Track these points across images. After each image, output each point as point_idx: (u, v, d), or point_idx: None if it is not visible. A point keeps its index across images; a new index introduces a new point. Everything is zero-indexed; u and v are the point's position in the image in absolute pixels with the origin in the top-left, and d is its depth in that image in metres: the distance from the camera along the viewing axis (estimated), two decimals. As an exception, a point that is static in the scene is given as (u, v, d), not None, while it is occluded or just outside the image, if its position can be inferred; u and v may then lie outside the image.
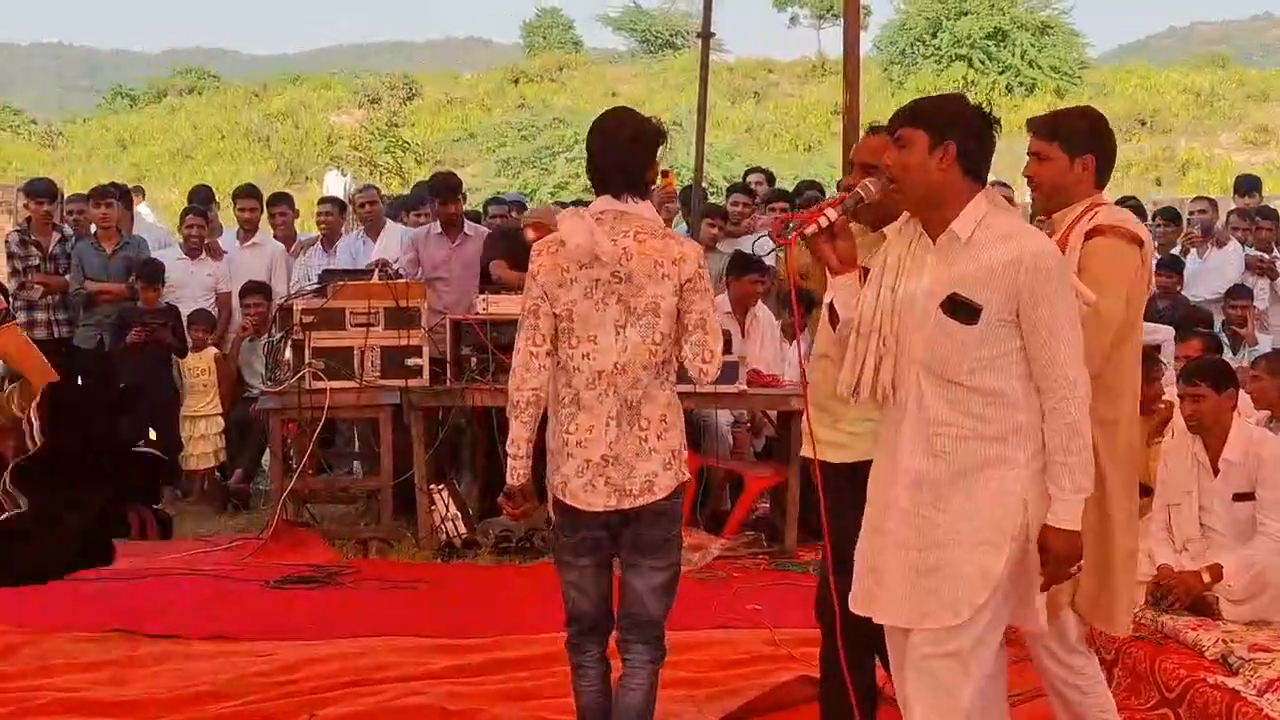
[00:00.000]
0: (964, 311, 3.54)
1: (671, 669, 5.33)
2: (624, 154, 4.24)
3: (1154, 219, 12.45)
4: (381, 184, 24.93)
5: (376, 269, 8.84)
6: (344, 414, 8.72)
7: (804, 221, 3.89)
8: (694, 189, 10.24)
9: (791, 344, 8.79)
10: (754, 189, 11.45)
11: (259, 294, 10.23)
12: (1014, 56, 37.32)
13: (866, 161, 4.37)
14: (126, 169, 33.27)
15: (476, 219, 10.71)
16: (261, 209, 11.46)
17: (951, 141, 3.58)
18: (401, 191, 18.44)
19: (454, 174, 10.55)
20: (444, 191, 9.60)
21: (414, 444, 8.33)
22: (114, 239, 10.40)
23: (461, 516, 8.29)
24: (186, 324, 10.13)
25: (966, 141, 3.60)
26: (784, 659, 5.83)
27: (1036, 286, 3.50)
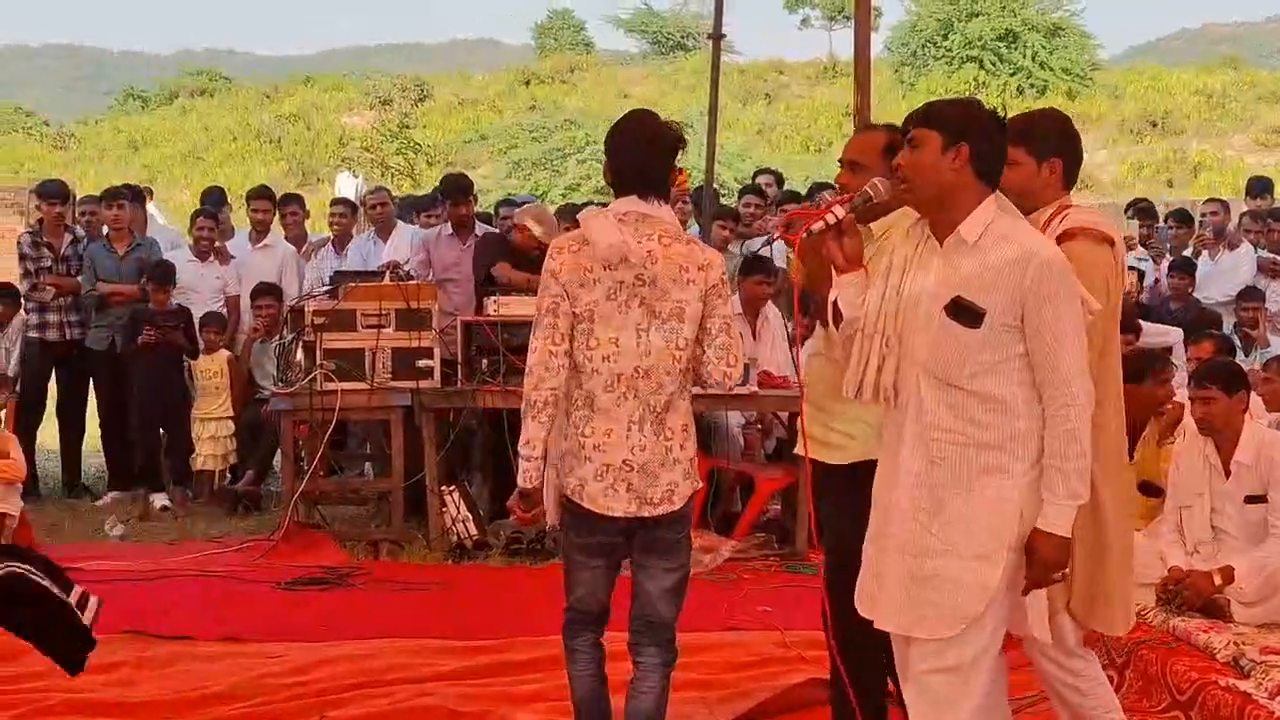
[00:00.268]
0: (967, 315, 3.53)
1: (682, 671, 5.33)
2: (647, 155, 4.20)
3: (1166, 221, 12.45)
4: (393, 185, 24.91)
5: (388, 270, 8.88)
6: (355, 415, 8.75)
7: (811, 218, 3.89)
8: (705, 191, 10.23)
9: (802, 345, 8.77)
10: (764, 190, 11.45)
11: (270, 295, 10.24)
12: (1025, 58, 37.24)
13: (854, 159, 4.37)
14: (138, 170, 33.31)
15: (488, 220, 10.72)
16: (274, 210, 11.47)
17: (965, 144, 3.57)
18: (412, 193, 18.44)
19: (465, 175, 10.57)
20: (455, 192, 9.61)
21: (425, 445, 8.35)
22: (126, 240, 10.41)
23: (472, 518, 8.29)
24: (199, 326, 10.14)
25: (980, 145, 3.59)
26: (795, 661, 5.83)
27: (1041, 291, 3.48)
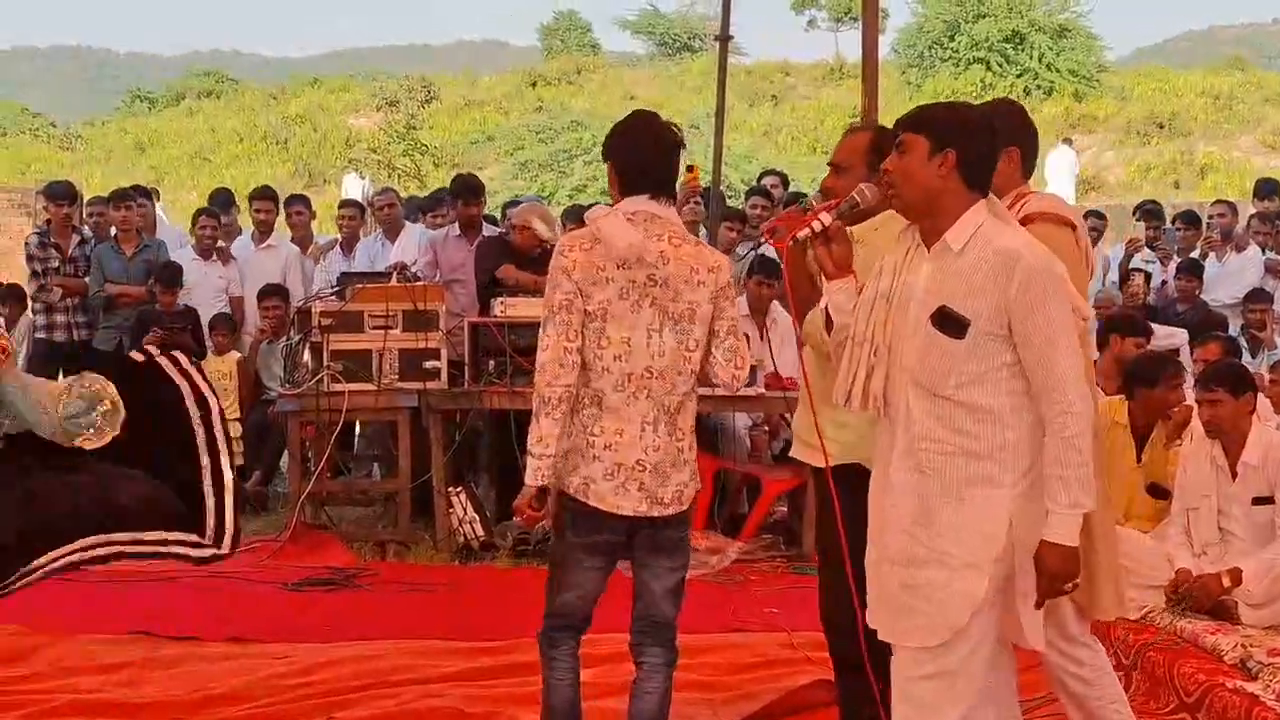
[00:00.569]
0: (952, 325, 3.49)
1: (687, 672, 5.34)
2: (655, 155, 4.20)
3: (1173, 222, 12.47)
4: (399, 187, 24.92)
5: (395, 272, 8.88)
6: (362, 416, 8.75)
7: (797, 225, 3.87)
8: (712, 192, 10.23)
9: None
10: (771, 192, 11.45)
11: (277, 296, 10.23)
12: (1032, 59, 37.16)
13: (838, 162, 4.37)
14: (145, 172, 33.30)
15: (494, 222, 10.73)
16: (277, 210, 11.49)
17: (952, 150, 3.53)
18: (419, 194, 18.43)
19: (476, 176, 10.59)
20: (467, 193, 9.61)
21: (432, 446, 8.36)
22: (134, 241, 10.43)
23: (479, 519, 8.30)
24: (208, 329, 10.15)
25: (969, 151, 3.55)
26: (801, 662, 5.82)
27: (1028, 298, 3.44)
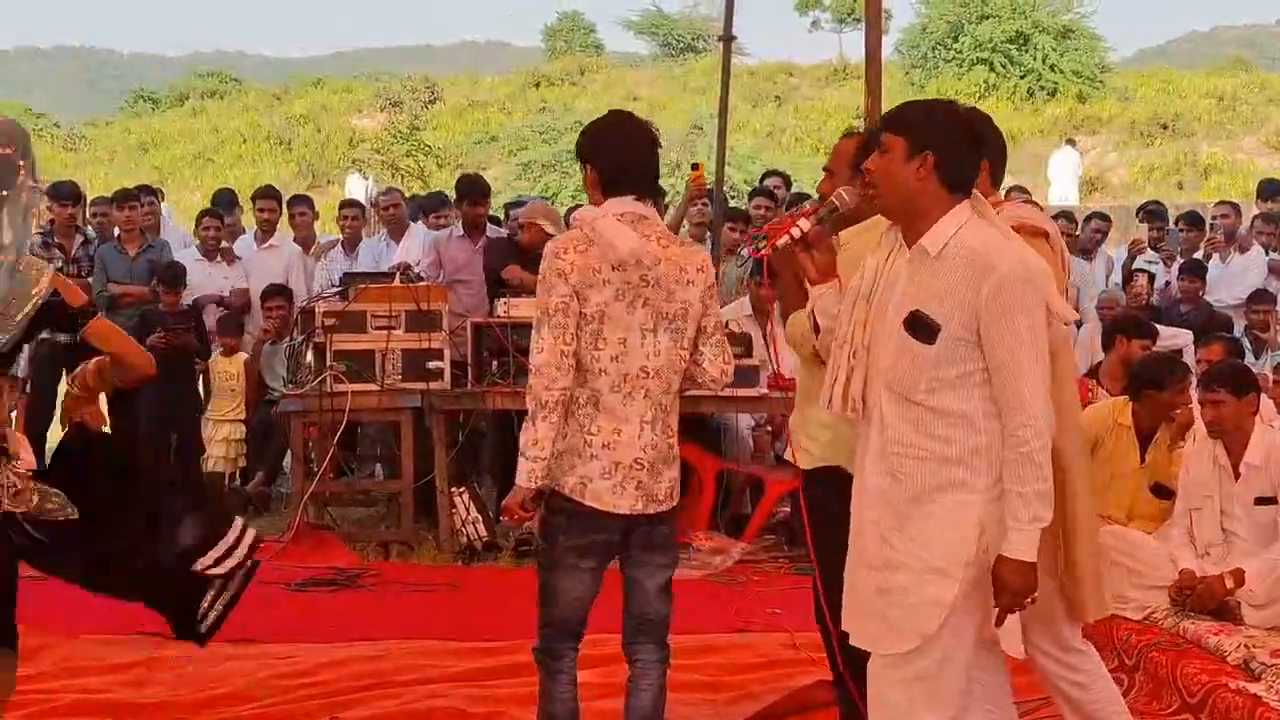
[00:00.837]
0: (923, 330, 3.45)
1: (689, 672, 5.35)
2: (639, 154, 4.17)
3: (1176, 223, 12.46)
4: (403, 187, 24.91)
5: (398, 272, 8.89)
6: (365, 417, 8.75)
7: (776, 233, 3.87)
8: (715, 193, 10.24)
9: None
10: (774, 192, 11.45)
11: (280, 296, 10.24)
12: (1035, 60, 37.15)
13: (829, 166, 4.36)
14: (148, 172, 33.30)
15: (498, 222, 10.74)
16: (280, 210, 11.49)
17: (930, 152, 3.48)
18: (419, 194, 18.41)
19: (482, 177, 10.63)
20: (473, 193, 9.63)
21: (435, 447, 8.36)
22: (137, 242, 10.43)
23: (482, 519, 8.31)
24: (217, 330, 10.15)
25: (947, 153, 3.49)
26: (803, 663, 5.81)
27: (996, 305, 3.39)
